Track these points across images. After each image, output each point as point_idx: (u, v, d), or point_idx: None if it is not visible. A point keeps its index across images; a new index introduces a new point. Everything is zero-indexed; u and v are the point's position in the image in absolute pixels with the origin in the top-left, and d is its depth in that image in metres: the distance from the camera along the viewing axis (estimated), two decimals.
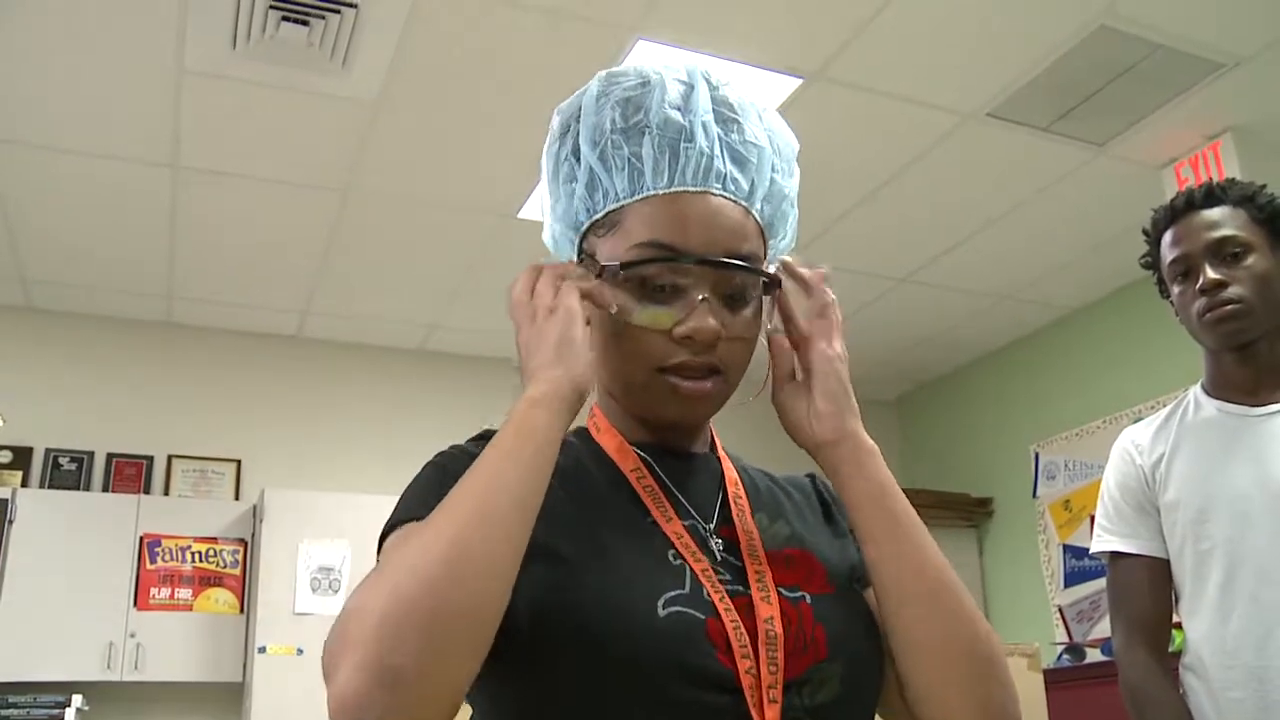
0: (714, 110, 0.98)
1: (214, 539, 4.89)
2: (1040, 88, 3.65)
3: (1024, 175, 4.23)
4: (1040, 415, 5.66)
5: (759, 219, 0.99)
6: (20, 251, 4.62)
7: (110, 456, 5.09)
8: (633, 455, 0.99)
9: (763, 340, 1.03)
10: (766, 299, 0.99)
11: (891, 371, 6.31)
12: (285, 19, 3.21)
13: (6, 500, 4.56)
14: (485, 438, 0.91)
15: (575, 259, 0.99)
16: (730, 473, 1.06)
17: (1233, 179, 1.92)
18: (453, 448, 1.01)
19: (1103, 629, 4.93)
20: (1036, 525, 5.57)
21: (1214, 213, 1.84)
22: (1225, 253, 1.80)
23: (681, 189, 0.93)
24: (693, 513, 0.97)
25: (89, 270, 4.82)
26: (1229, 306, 1.78)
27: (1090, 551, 2.01)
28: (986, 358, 6.08)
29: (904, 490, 1.09)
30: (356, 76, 3.49)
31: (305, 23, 3.23)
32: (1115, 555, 1.91)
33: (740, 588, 0.90)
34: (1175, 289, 1.88)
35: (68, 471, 4.99)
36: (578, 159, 0.98)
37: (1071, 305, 5.46)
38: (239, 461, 5.27)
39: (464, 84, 3.58)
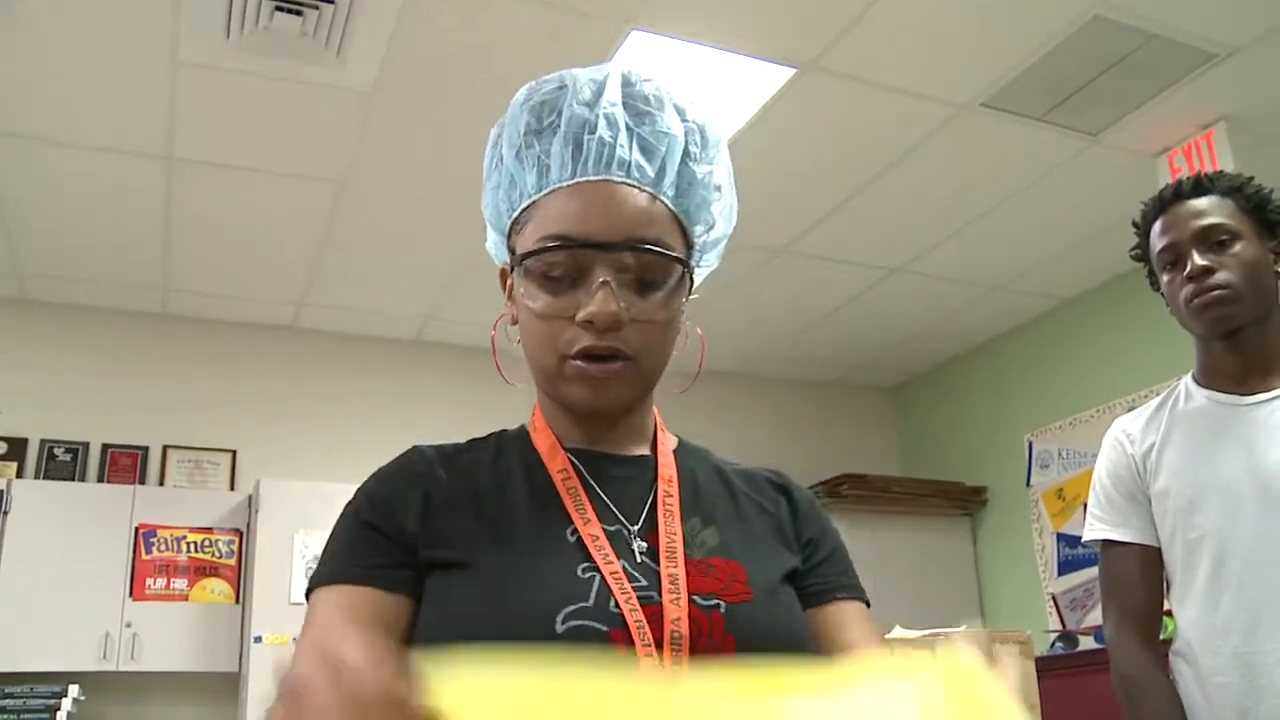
0: (625, 103, 0.98)
1: (209, 529, 4.89)
2: (1034, 78, 3.66)
3: (1018, 165, 4.24)
4: (1034, 404, 5.68)
5: (670, 205, 0.98)
6: (15, 244, 4.61)
7: (105, 447, 5.09)
8: (562, 456, 1.00)
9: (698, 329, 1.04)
10: (682, 285, 0.99)
11: (886, 361, 6.33)
12: (279, 9, 3.21)
13: (2, 491, 4.56)
14: (469, 447, 0.96)
15: (507, 257, 1.02)
16: (666, 472, 1.03)
17: (1221, 171, 1.94)
18: (411, 451, 1.02)
19: (1096, 617, 4.95)
20: (1030, 514, 5.60)
21: (1201, 202, 1.86)
22: (1212, 240, 1.82)
23: (583, 179, 0.95)
24: (618, 515, 0.97)
25: (84, 262, 4.81)
26: (1216, 292, 1.79)
27: (1083, 540, 2.03)
28: (981, 347, 6.10)
29: (899, 479, 1.07)
30: (351, 67, 3.49)
31: (299, 13, 3.23)
32: (1107, 543, 1.93)
33: (654, 594, 0.89)
34: (1164, 278, 1.90)
35: (63, 462, 4.99)
36: (501, 162, 1.02)
37: (1065, 295, 5.47)
38: (234, 452, 5.28)
39: (459, 74, 3.57)
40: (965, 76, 3.67)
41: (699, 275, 1.06)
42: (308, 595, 0.93)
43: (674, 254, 0.97)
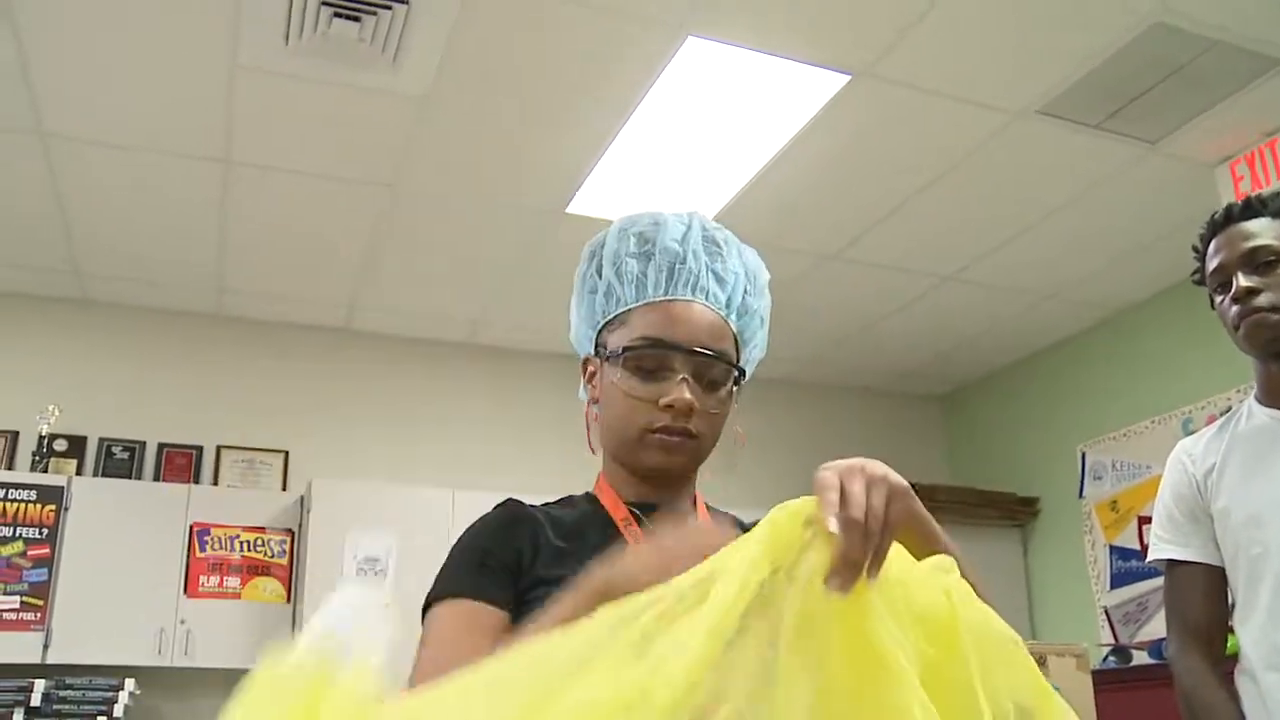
0: (704, 244, 1.27)
1: (262, 529, 4.96)
2: (1091, 85, 3.62)
3: (1073, 174, 4.19)
4: (1087, 415, 5.61)
5: (733, 327, 1.27)
6: (76, 246, 4.71)
7: (161, 446, 5.17)
8: (624, 509, 1.26)
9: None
10: (735, 388, 1.26)
11: (937, 369, 6.28)
12: (337, 15, 3.25)
13: (63, 488, 4.65)
14: (555, 503, 1.28)
15: (591, 351, 1.29)
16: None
17: (1276, 192, 1.95)
18: (512, 501, 1.27)
19: (1149, 631, 4.88)
20: (1083, 526, 5.52)
21: (1252, 224, 1.88)
22: (1259, 261, 1.84)
23: (674, 298, 1.23)
24: None
25: (142, 264, 4.90)
26: (1261, 315, 1.81)
27: (1147, 560, 2.03)
28: (1033, 357, 6.03)
29: (949, 488, 1.13)
30: (406, 72, 3.52)
31: (357, 19, 3.26)
32: (1171, 563, 1.95)
33: None
34: (1216, 299, 1.92)
35: (120, 461, 5.08)
36: (599, 275, 1.27)
37: (1120, 305, 5.40)
38: (286, 452, 5.34)
39: (513, 80, 3.60)
40: (1021, 83, 3.64)
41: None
42: (425, 610, 1.16)
43: (735, 364, 1.25)
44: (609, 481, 1.30)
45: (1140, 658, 4.42)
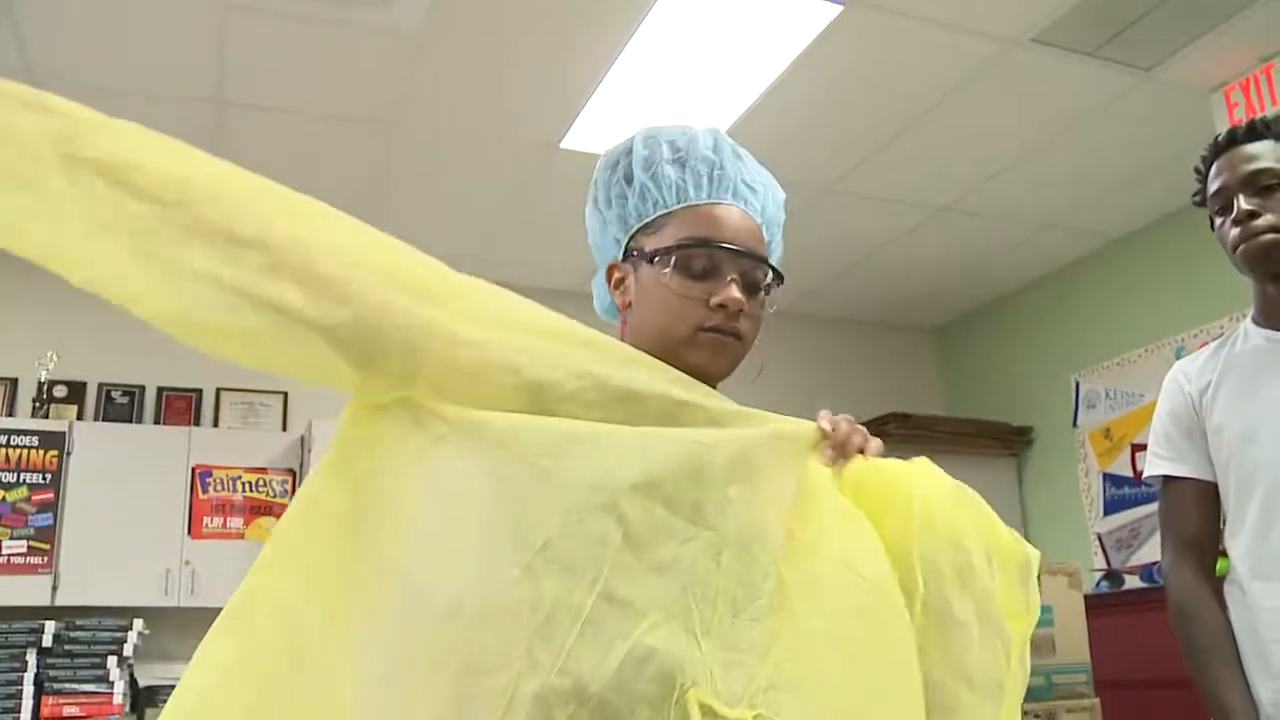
0: (733, 155, 1.31)
1: (263, 469, 5.00)
2: (1086, 11, 3.59)
3: (1068, 102, 4.17)
4: (1081, 344, 5.64)
5: (764, 233, 1.31)
6: None
7: (161, 390, 5.20)
8: None
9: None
10: (766, 293, 1.29)
11: (932, 300, 6.30)
12: None
13: (64, 433, 4.68)
14: None
15: (620, 256, 1.30)
16: None
17: (1274, 118, 1.95)
18: None
19: (1140, 556, 4.95)
20: (1076, 454, 5.58)
21: (1254, 147, 1.88)
22: (1260, 184, 1.85)
23: (718, 201, 1.26)
24: None
25: None
26: (1262, 237, 1.82)
27: (1143, 476, 2.09)
28: (1028, 286, 6.05)
29: (944, 418, 1.26)
30: (399, 8, 3.49)
31: None
32: (1166, 479, 1.99)
33: None
34: (1216, 222, 1.92)
35: (121, 405, 5.10)
36: (628, 181, 1.29)
37: (1115, 234, 5.40)
38: (286, 393, 5.37)
39: (505, 17, 3.57)
40: (1015, 10, 3.61)
41: None
42: None
43: (775, 268, 1.29)
44: None
45: (1132, 582, 4.49)
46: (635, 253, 1.28)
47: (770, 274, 1.28)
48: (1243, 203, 1.84)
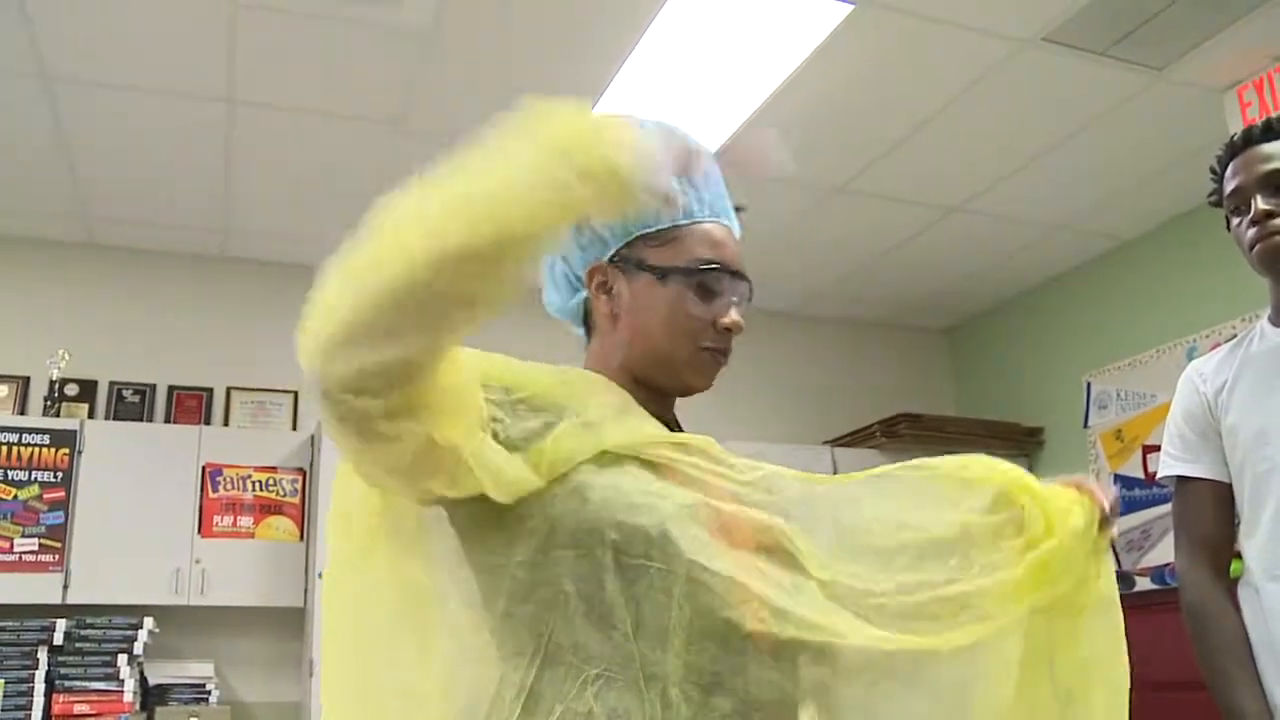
0: (720, 171, 1.32)
1: (273, 469, 5.00)
2: (1097, 11, 3.58)
3: (1080, 102, 4.15)
4: (1093, 345, 5.62)
5: None
6: (81, 189, 4.70)
7: (171, 389, 5.20)
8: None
9: None
10: None
11: (944, 300, 6.28)
12: None
13: (75, 431, 4.69)
14: None
15: (606, 258, 1.28)
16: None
17: None
18: None
19: (1152, 558, 4.93)
20: (1088, 455, 5.56)
21: (1271, 146, 1.87)
22: (1277, 184, 1.83)
23: (719, 220, 1.29)
24: None
25: (148, 206, 4.89)
26: (1277, 237, 1.81)
27: (1157, 476, 2.07)
28: (1039, 288, 6.02)
29: (956, 419, 1.26)
30: (409, 6, 3.49)
31: None
32: (1180, 480, 1.97)
33: None
34: (1233, 221, 1.91)
35: (131, 404, 5.11)
36: None
37: (1126, 235, 5.38)
38: (296, 393, 5.37)
39: (514, 13, 3.57)
40: (1026, 10, 3.60)
41: None
42: None
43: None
44: None
45: (1143, 584, 4.47)
46: (632, 260, 1.27)
47: (750, 295, 1.31)
48: (1260, 202, 1.83)
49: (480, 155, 1.09)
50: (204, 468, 4.87)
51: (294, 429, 5.27)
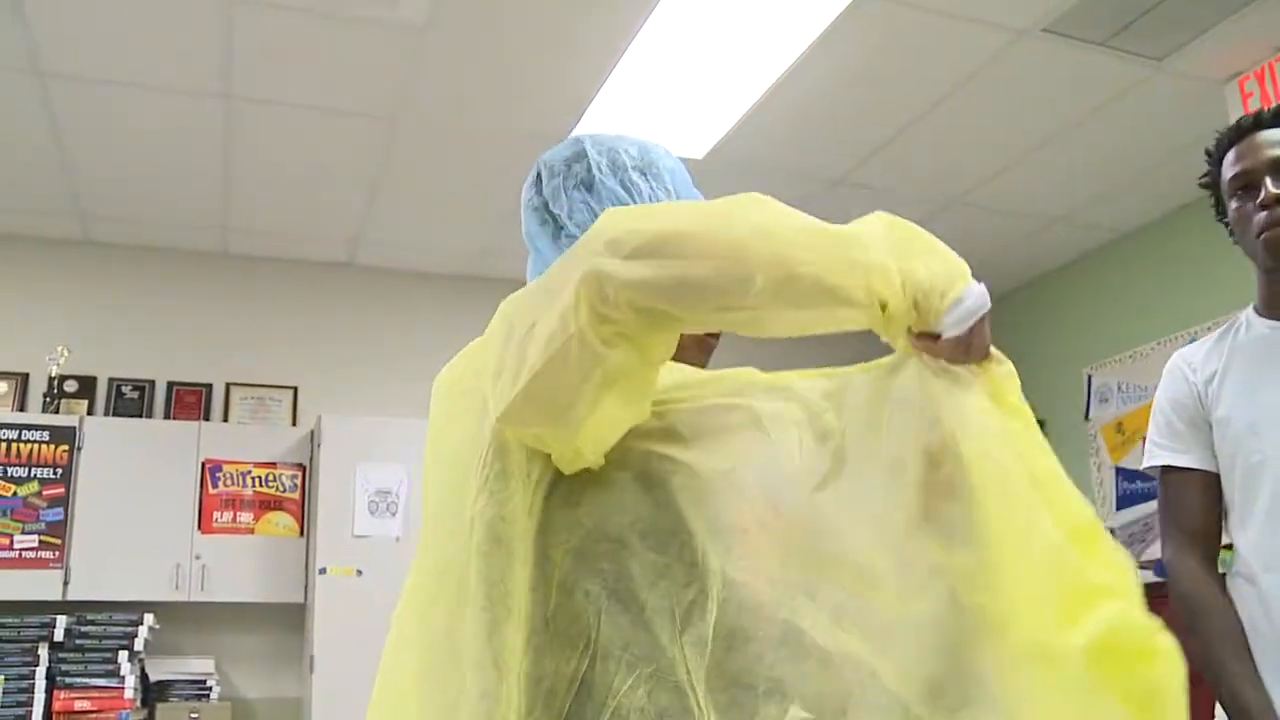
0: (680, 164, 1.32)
1: (273, 464, 5.00)
2: (1097, 2, 3.56)
3: (1080, 93, 4.14)
4: (1093, 338, 5.61)
5: None
6: (78, 186, 4.69)
7: (171, 385, 5.20)
8: None
9: None
10: None
11: None
12: None
13: (74, 428, 4.69)
14: None
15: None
16: None
17: None
18: None
19: (1154, 551, 4.91)
20: (1089, 448, 5.55)
21: (1278, 132, 1.84)
22: None
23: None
24: None
25: (146, 203, 4.89)
26: None
27: (1143, 466, 2.05)
28: (1039, 280, 6.01)
29: None
30: (405, 2, 3.48)
31: None
32: (1167, 469, 1.95)
33: None
34: (1233, 204, 1.88)
35: (131, 400, 5.11)
36: (589, 188, 1.31)
37: (1126, 227, 5.36)
38: (295, 388, 5.37)
39: (511, 8, 3.55)
40: (1026, 1, 3.58)
41: None
42: None
43: None
44: None
45: (1146, 577, 4.46)
46: None
47: None
48: (1271, 186, 1.80)
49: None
50: (204, 464, 4.87)
51: (294, 424, 5.27)
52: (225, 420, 5.22)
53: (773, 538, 1.05)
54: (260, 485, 4.95)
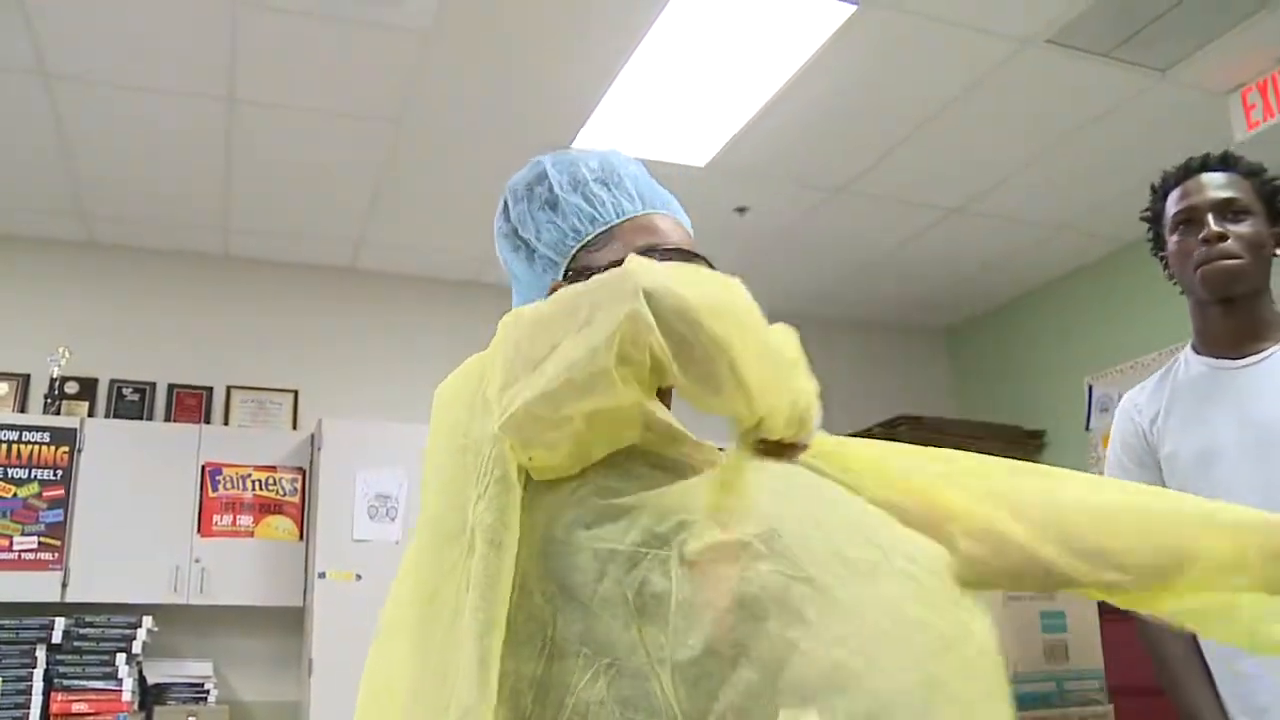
0: (647, 171, 1.35)
1: (273, 468, 5.00)
2: (1101, 12, 3.56)
3: (1083, 103, 4.14)
4: (1094, 347, 5.60)
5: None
6: (81, 188, 4.69)
7: (171, 387, 5.20)
8: None
9: None
10: None
11: (944, 301, 6.27)
12: None
13: (75, 429, 4.69)
14: None
15: (560, 276, 1.28)
16: None
17: (1240, 156, 2.06)
18: None
19: None
20: (1089, 458, 5.54)
21: (1223, 176, 1.99)
22: (1229, 211, 1.95)
23: (654, 211, 1.30)
24: None
25: (148, 205, 4.89)
26: (1226, 261, 1.92)
27: None
28: (1041, 289, 6.01)
29: (956, 421, 1.24)
30: (409, 5, 3.48)
31: None
32: None
33: None
34: (1174, 239, 2.03)
35: (131, 402, 5.11)
36: (553, 207, 1.31)
37: (1129, 237, 5.35)
38: (296, 392, 5.37)
39: (516, 14, 3.56)
40: (1030, 11, 3.59)
41: None
42: None
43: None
44: None
45: None
46: (580, 272, 1.26)
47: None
48: (1213, 225, 1.92)
49: None
50: (204, 466, 4.86)
51: (294, 428, 5.27)
52: (226, 423, 5.21)
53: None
54: (260, 488, 4.94)
